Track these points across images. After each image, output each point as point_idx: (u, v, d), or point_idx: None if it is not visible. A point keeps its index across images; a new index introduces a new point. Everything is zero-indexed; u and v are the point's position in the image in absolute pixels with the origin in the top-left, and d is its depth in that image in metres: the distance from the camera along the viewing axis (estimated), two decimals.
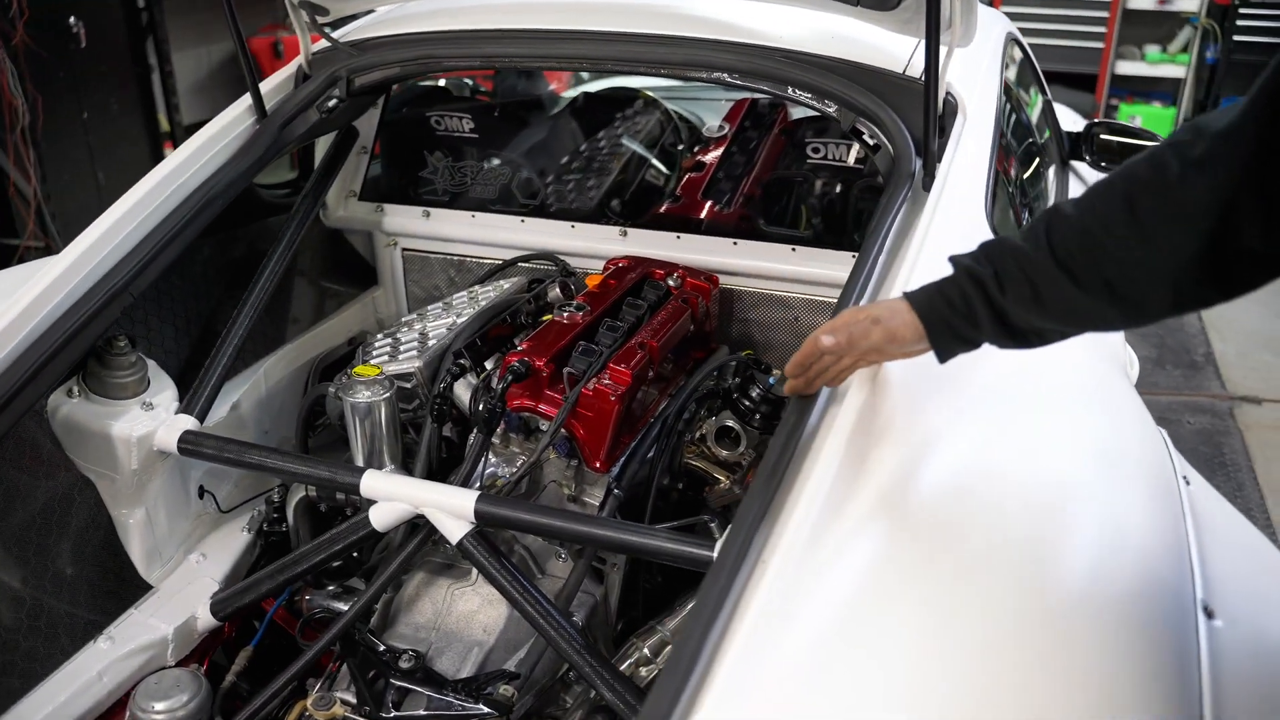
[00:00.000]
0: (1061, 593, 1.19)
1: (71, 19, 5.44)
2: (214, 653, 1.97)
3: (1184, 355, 4.62)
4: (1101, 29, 7.54)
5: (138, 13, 6.02)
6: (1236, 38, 7.41)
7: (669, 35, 2.06)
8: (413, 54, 2.22)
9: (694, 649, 1.10)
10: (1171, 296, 1.19)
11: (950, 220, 1.70)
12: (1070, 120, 3.73)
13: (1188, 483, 1.54)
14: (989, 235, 1.83)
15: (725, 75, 2.00)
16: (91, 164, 5.71)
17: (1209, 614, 1.28)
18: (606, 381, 1.83)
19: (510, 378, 1.81)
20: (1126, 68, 7.74)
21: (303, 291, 2.68)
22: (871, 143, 1.93)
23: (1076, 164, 3.17)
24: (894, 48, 2.01)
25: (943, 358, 1.34)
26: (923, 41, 2.00)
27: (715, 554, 1.45)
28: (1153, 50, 7.76)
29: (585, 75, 4.04)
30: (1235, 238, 1.12)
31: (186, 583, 1.94)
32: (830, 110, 1.95)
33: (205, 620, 1.88)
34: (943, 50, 1.79)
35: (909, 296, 1.35)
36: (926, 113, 1.75)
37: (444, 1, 2.36)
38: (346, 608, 1.96)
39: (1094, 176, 3.58)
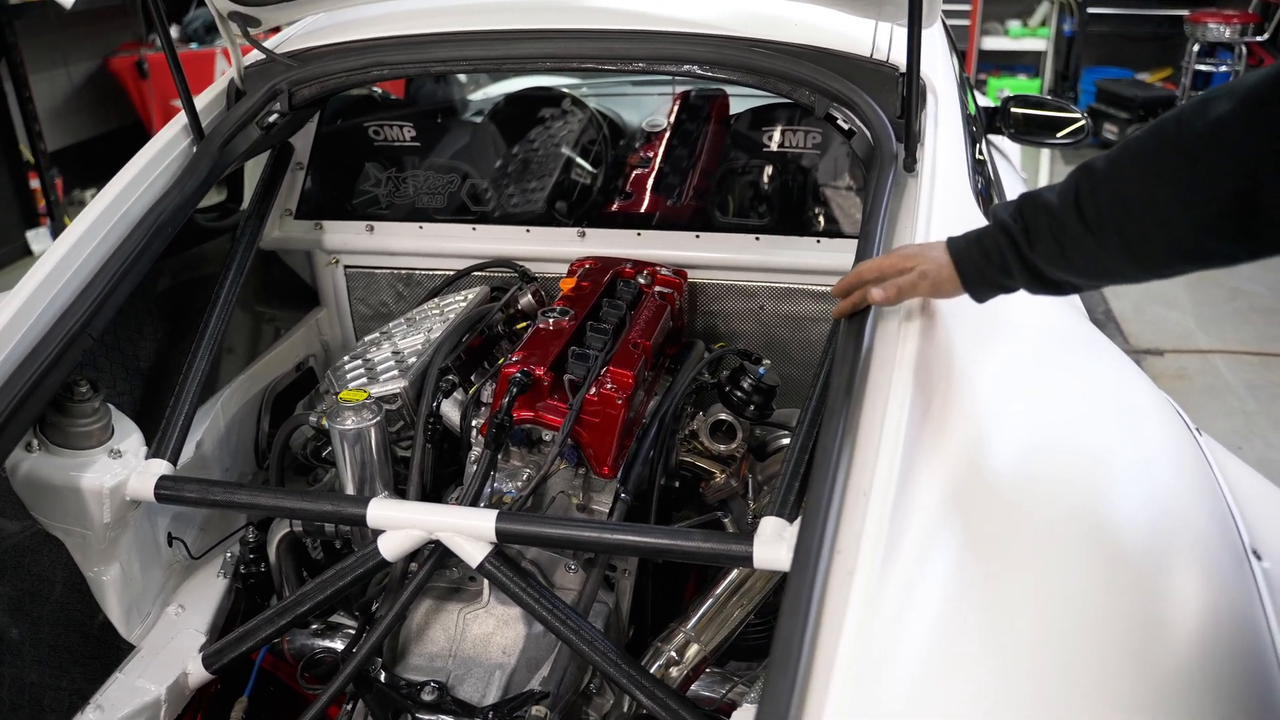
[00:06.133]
0: (1135, 558, 1.21)
1: None
2: (205, 708, 1.86)
3: (1087, 314, 4.83)
4: (966, 6, 7.82)
5: None
6: (1091, 10, 7.80)
7: (634, 30, 2.02)
8: (359, 63, 2.12)
9: (795, 656, 1.07)
10: (1195, 256, 1.19)
11: (944, 200, 1.72)
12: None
13: (1200, 434, 1.60)
14: (977, 212, 1.87)
15: (695, 68, 1.97)
16: None
17: (1257, 556, 1.33)
18: (609, 385, 1.80)
19: (515, 390, 1.75)
20: (991, 43, 8.07)
21: (239, 319, 2.55)
22: (846, 128, 1.93)
23: (993, 136, 3.26)
24: (855, 32, 2.02)
25: (980, 300, 1.43)
26: (882, 23, 2.04)
27: (755, 550, 1.44)
28: (1014, 25, 8.11)
29: (463, 77, 3.94)
30: (1259, 201, 1.10)
31: (169, 638, 1.83)
32: (803, 97, 1.95)
33: (197, 675, 1.77)
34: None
35: (951, 246, 1.42)
36: (909, 96, 1.77)
37: (382, 8, 2.26)
38: (335, 645, 1.89)
39: (1011, 148, 3.71)
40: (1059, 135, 3.08)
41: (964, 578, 1.14)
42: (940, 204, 1.68)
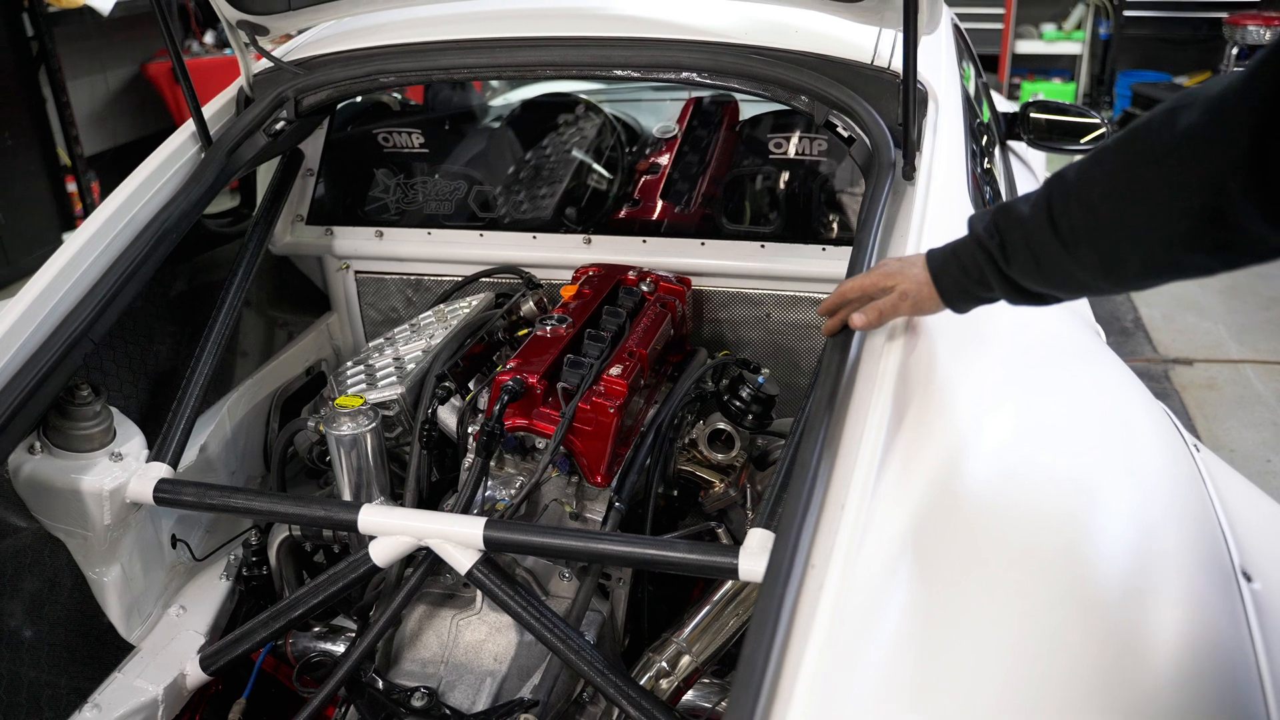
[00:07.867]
0: (1111, 580, 1.19)
1: None
2: (203, 709, 1.88)
3: (1114, 323, 4.75)
4: (1000, 10, 7.74)
5: (26, 41, 5.76)
6: (1127, 13, 7.68)
7: (634, 38, 2.02)
8: (363, 70, 2.14)
9: (761, 668, 1.06)
10: (1169, 269, 1.16)
11: (939, 209, 1.70)
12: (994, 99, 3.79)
13: (1198, 449, 1.56)
14: None
15: (694, 75, 1.97)
16: None
17: (1247, 578, 1.30)
18: (602, 393, 1.79)
19: (506, 398, 1.75)
20: (1025, 46, 7.98)
21: (252, 323, 2.58)
22: (845, 135, 1.92)
23: (1013, 143, 3.22)
24: (857, 39, 2.00)
25: (960, 312, 1.42)
26: (884, 30, 2.02)
27: (740, 561, 1.43)
28: (1049, 29, 8.00)
29: (496, 83, 3.95)
30: (1228, 214, 1.05)
31: (169, 639, 1.85)
32: (802, 104, 1.94)
33: (195, 676, 1.79)
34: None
35: (930, 261, 1.40)
36: (907, 103, 1.75)
37: (389, 16, 2.28)
38: (337, 648, 1.90)
39: (1031, 155, 3.66)
40: (1081, 142, 3.03)
41: (934, 598, 1.12)
42: (935, 212, 1.67)
